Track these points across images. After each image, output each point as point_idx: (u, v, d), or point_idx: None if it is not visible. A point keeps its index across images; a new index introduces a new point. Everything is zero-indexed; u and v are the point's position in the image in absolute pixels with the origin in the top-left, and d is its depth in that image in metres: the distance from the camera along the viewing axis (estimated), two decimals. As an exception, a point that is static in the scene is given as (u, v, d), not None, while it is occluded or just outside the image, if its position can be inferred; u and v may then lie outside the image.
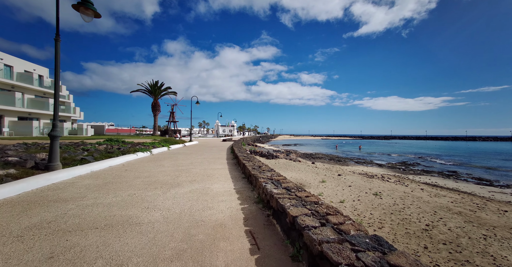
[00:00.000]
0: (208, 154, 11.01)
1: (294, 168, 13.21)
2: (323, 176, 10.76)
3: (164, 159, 8.59)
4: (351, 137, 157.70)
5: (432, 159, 27.61)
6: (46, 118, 23.92)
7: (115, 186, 4.25)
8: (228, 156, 10.26)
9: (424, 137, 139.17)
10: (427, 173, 16.46)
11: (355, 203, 6.72)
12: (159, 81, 34.31)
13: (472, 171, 18.14)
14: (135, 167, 6.37)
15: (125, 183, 4.54)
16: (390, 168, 18.80)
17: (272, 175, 4.08)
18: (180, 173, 5.76)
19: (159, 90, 34.50)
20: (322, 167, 14.94)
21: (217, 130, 60.64)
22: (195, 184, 4.56)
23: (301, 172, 11.69)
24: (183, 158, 9.09)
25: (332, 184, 9.19)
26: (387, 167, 19.03)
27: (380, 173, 14.53)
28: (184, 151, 12.36)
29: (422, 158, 28.39)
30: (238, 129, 79.04)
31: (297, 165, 14.52)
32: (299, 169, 12.71)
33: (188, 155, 10.29)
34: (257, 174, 4.12)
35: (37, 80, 23.08)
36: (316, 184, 9.09)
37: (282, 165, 14.55)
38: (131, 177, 5.12)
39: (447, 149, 48.73)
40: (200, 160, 8.57)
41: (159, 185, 4.40)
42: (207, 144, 20.76)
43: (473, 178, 14.70)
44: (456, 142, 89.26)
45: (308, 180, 9.87)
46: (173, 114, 41.19)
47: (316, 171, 12.63)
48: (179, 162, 7.84)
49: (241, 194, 3.93)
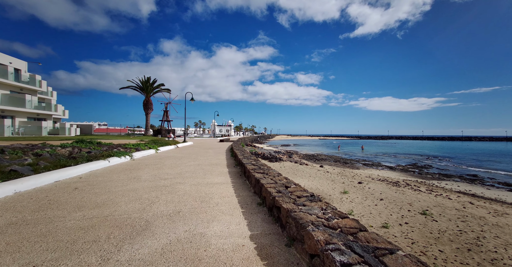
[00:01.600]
0: (204, 159, 9.09)
1: (304, 173, 11.39)
2: (341, 185, 8.96)
3: (144, 167, 6.63)
4: (349, 137, 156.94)
5: (441, 160, 26.25)
6: (23, 116, 21.57)
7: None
8: (228, 162, 8.34)
9: (421, 137, 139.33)
10: (447, 177, 14.86)
11: (403, 228, 4.90)
12: (151, 78, 31.83)
13: (493, 175, 16.65)
14: (95, 182, 4.41)
15: (34, 228, 2.33)
16: (403, 171, 17.17)
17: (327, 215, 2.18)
18: (158, 193, 3.83)
19: (151, 87, 31.95)
20: (334, 172, 13.17)
21: (213, 130, 58.48)
22: (178, 223, 2.56)
23: (313, 179, 9.87)
24: (170, 165, 7.15)
25: (357, 196, 7.38)
26: (400, 170, 17.40)
27: (400, 178, 12.83)
28: (175, 155, 10.41)
29: (430, 159, 27.01)
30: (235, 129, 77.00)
31: (306, 170, 12.71)
32: (310, 175, 10.90)
33: (178, 160, 8.34)
34: (301, 217, 2.04)
35: (12, 74, 20.74)
36: (337, 196, 7.27)
37: (289, 169, 12.71)
38: (65, 207, 2.98)
39: (449, 149, 47.78)
40: (193, 168, 6.65)
41: (106, 230, 2.33)
42: (202, 145, 18.78)
43: (500, 183, 13.21)
44: (453, 142, 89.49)
45: (326, 190, 8.05)
46: (166, 113, 38.95)
47: (330, 177, 10.85)
48: (163, 172, 5.90)
49: (271, 258, 1.90)
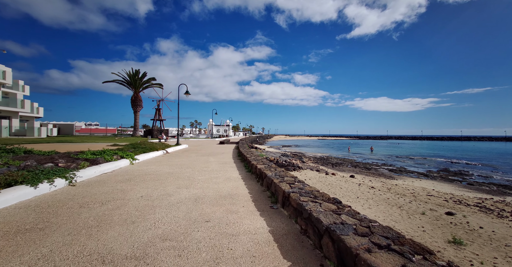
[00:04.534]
0: (204, 178, 5.63)
1: (344, 191, 8.04)
2: (424, 219, 5.59)
3: (68, 218, 3.17)
4: (348, 137, 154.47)
5: (467, 164, 23.41)
6: (-21, 114, 17.66)
7: None
8: (250, 186, 4.86)
9: (420, 137, 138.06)
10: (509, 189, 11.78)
11: None
12: (140, 71, 27.98)
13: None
14: None
15: None
16: (446, 180, 14.07)
17: None
18: None
19: (140, 81, 28.00)
20: (377, 186, 9.87)
21: (210, 130, 54.77)
22: None
23: (370, 204, 6.53)
24: (137, 207, 3.51)
25: (488, 253, 4.04)
26: (441, 179, 14.30)
27: (468, 195, 9.60)
28: (158, 169, 6.89)
29: (454, 163, 24.13)
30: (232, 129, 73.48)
31: (341, 184, 9.40)
32: (357, 196, 7.55)
33: (158, 187, 4.70)
34: None
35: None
36: (451, 252, 3.95)
37: (319, 183, 9.38)
38: None
39: (460, 150, 45.51)
40: (184, 219, 3.19)
41: None
42: (200, 148, 15.28)
43: None
44: (454, 142, 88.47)
45: (413, 233, 4.73)
46: (159, 111, 35.15)
47: (385, 197, 7.53)
48: (106, 240, 2.45)
49: None
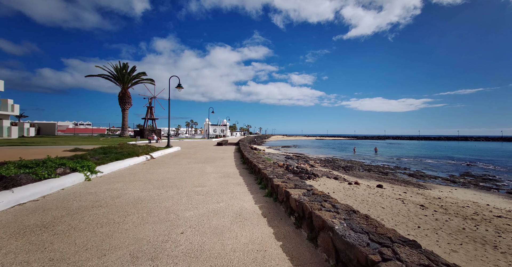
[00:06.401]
0: (193, 226, 3.19)
1: (388, 211, 5.88)
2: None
3: None
4: (345, 137, 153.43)
5: (486, 166, 21.70)
6: None
7: None
8: (299, 260, 2.65)
9: (417, 137, 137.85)
10: None
11: None
12: (129, 65, 25.40)
13: None
14: None
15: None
16: (480, 188, 12.12)
17: None
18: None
19: (129, 76, 25.31)
20: (429, 204, 7.72)
21: (207, 130, 52.33)
22: None
23: (451, 243, 4.41)
24: None
25: None
26: (474, 186, 12.34)
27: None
28: (120, 194, 4.39)
29: (471, 165, 22.39)
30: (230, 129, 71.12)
31: (376, 199, 7.21)
32: (414, 222, 5.35)
33: (88, 250, 2.32)
34: None
35: None
36: None
37: (346, 198, 7.15)
38: None
39: (464, 150, 44.47)
40: None
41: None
42: (194, 151, 12.95)
43: None
44: (453, 142, 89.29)
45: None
46: (151, 110, 32.59)
47: (465, 228, 5.39)
48: None
49: None
